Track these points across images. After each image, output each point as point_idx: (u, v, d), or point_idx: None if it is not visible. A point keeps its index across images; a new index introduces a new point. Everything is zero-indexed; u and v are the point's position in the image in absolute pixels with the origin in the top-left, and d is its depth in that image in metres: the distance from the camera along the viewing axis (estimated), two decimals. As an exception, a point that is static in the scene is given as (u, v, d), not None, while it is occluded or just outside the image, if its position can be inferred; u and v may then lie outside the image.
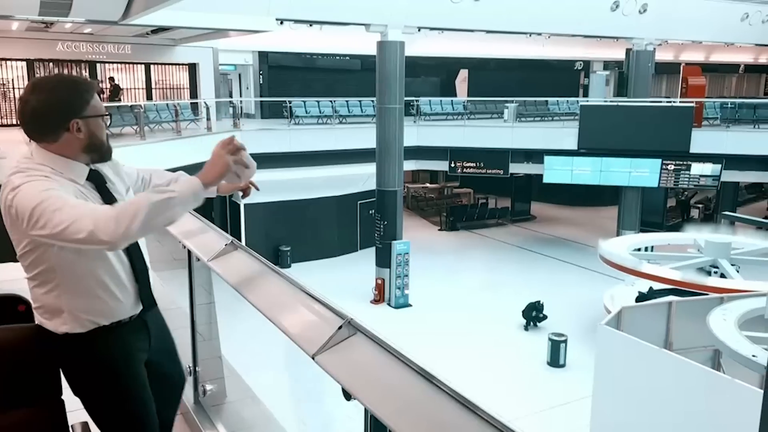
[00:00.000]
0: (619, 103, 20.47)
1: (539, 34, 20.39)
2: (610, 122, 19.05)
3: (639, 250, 15.21)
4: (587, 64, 30.36)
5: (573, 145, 19.34)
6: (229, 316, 3.16)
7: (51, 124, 1.80)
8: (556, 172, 19.81)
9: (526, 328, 15.05)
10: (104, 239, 1.62)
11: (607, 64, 29.95)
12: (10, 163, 1.80)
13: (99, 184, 1.93)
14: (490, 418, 1.16)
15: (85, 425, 1.67)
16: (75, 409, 1.68)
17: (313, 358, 1.46)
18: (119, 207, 1.72)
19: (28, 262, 1.85)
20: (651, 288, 13.00)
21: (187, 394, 2.98)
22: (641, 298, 12.59)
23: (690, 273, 12.66)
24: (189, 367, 2.91)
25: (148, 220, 1.65)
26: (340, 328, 1.51)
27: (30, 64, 20.57)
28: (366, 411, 1.37)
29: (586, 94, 29.51)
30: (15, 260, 4.54)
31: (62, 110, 1.80)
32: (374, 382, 1.39)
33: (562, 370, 13.10)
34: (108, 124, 2.00)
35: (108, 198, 1.93)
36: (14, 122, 19.95)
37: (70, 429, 1.58)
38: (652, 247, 16.54)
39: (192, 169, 2.08)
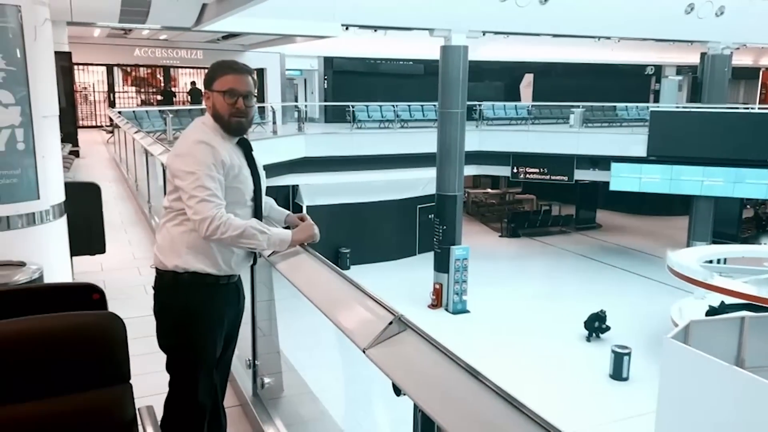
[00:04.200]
0: (693, 110, 19.71)
1: (608, 38, 19.87)
2: (683, 129, 18.37)
3: (710, 262, 14.62)
4: (659, 69, 29.40)
5: (642, 152, 18.75)
6: (288, 314, 3.24)
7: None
8: (623, 179, 19.25)
9: (588, 339, 14.68)
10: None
11: (680, 69, 28.89)
12: (89, 162, 1.92)
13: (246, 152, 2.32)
14: (538, 418, 1.17)
15: (150, 408, 1.76)
16: (142, 396, 1.77)
17: (364, 352, 1.50)
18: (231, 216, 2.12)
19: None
20: (723, 302, 12.51)
21: (246, 386, 3.09)
22: (712, 312, 12.11)
23: (765, 288, 12.06)
24: (248, 360, 3.02)
25: (237, 238, 2.11)
26: (390, 323, 1.54)
27: (109, 69, 21.70)
28: (415, 406, 1.39)
29: (657, 100, 28.58)
30: (90, 253, 4.77)
31: (204, 82, 2.28)
32: (423, 377, 1.41)
33: (624, 384, 12.71)
34: (248, 105, 2.23)
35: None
36: (94, 124, 21.09)
37: (137, 412, 1.68)
38: (725, 259, 15.87)
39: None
